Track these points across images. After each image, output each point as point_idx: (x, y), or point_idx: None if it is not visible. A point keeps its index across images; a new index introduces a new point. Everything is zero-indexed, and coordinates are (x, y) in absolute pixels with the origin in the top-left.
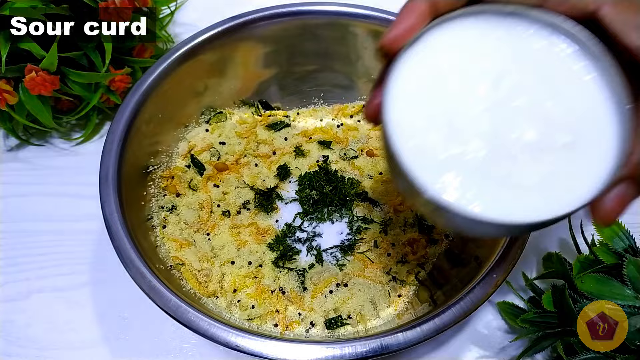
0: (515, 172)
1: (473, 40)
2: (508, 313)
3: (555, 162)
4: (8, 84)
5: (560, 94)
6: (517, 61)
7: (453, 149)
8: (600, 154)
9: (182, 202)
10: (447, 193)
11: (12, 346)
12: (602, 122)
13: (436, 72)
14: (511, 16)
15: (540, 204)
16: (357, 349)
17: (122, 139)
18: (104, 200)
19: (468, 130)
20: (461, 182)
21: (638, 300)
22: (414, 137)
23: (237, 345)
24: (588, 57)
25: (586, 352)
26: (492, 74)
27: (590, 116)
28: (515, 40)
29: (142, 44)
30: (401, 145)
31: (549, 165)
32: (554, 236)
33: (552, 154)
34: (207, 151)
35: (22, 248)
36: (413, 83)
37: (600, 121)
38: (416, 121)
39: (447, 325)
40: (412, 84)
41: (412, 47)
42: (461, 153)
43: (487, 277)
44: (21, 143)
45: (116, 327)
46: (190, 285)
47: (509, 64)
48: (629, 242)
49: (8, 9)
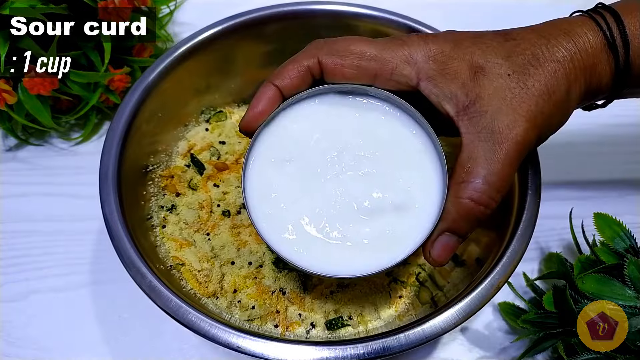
0: (351, 232)
1: (320, 115)
2: (509, 314)
3: (387, 222)
4: (7, 83)
5: (394, 161)
6: (357, 133)
7: (295, 215)
8: (426, 214)
9: (181, 202)
10: (286, 250)
11: (11, 346)
12: (429, 187)
13: (285, 142)
14: (351, 94)
15: (370, 260)
16: (359, 350)
17: (121, 139)
18: (103, 199)
19: (312, 196)
20: (296, 241)
21: (639, 300)
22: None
23: (238, 346)
24: (414, 123)
25: (587, 353)
26: (336, 145)
27: (419, 181)
28: (355, 112)
29: (142, 44)
30: (255, 214)
31: (382, 225)
32: (555, 236)
33: (384, 216)
34: (207, 150)
35: (21, 248)
36: (265, 159)
37: (427, 185)
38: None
39: (449, 326)
40: (263, 162)
41: (268, 125)
42: (302, 216)
43: (489, 279)
44: (20, 143)
45: (116, 327)
46: (190, 285)
47: (351, 137)
48: (630, 243)
49: (8, 8)
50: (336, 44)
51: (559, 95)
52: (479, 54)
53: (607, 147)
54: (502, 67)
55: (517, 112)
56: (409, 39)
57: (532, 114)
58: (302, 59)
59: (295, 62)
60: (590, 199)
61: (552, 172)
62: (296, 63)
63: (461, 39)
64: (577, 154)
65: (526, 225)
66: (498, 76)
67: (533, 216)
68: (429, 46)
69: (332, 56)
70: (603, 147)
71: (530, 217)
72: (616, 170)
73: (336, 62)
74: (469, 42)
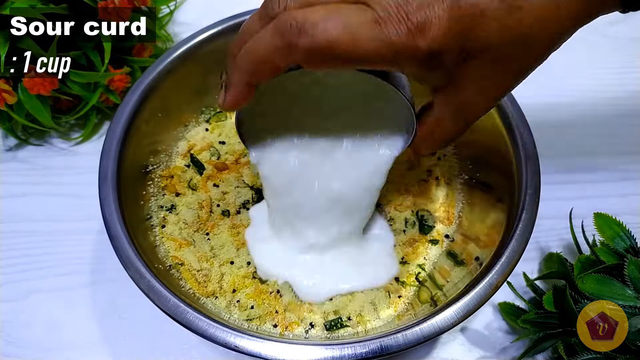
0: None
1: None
2: (509, 313)
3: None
4: (7, 83)
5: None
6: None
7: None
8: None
9: (181, 202)
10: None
11: (11, 346)
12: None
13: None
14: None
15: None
16: (357, 350)
17: (121, 139)
18: (103, 199)
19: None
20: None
21: (639, 300)
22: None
23: (236, 345)
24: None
25: (587, 353)
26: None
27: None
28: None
29: (142, 44)
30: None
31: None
32: (555, 236)
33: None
34: (206, 150)
35: (21, 248)
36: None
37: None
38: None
39: (447, 326)
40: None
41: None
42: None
43: (488, 278)
44: (20, 143)
45: (115, 327)
46: (189, 285)
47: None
48: (630, 243)
49: (8, 8)
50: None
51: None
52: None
53: (607, 146)
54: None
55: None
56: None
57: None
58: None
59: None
60: (590, 199)
61: (552, 172)
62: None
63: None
64: (577, 154)
65: (525, 224)
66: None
67: (532, 216)
68: None
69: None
70: (603, 146)
71: (530, 217)
72: (616, 170)
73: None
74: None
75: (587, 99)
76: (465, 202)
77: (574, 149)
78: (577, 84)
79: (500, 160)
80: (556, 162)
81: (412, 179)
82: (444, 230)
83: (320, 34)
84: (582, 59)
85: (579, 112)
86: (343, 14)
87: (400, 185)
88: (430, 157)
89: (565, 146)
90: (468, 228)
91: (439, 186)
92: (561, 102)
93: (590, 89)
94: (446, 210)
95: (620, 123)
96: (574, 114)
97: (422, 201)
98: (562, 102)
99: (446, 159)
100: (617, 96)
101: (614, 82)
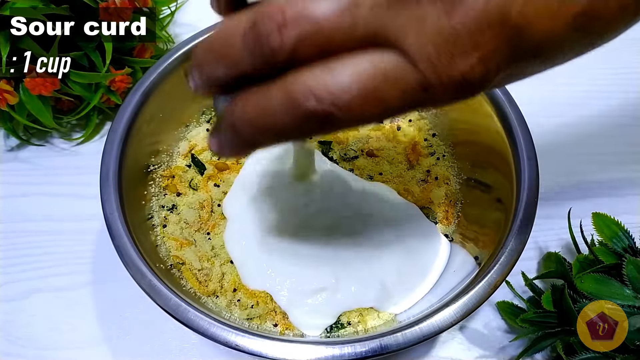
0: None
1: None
2: (507, 313)
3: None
4: (8, 84)
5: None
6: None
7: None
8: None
9: (182, 202)
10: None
11: (12, 346)
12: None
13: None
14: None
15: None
16: (357, 349)
17: (122, 139)
18: (104, 199)
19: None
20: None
21: (637, 300)
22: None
23: (236, 344)
24: None
25: (586, 352)
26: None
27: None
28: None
29: (143, 44)
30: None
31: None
32: (554, 236)
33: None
34: (207, 151)
35: (22, 248)
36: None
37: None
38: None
39: (446, 325)
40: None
41: None
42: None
43: (487, 277)
44: (21, 143)
45: (116, 326)
46: (190, 284)
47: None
48: (629, 242)
49: (8, 9)
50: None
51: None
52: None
53: (605, 147)
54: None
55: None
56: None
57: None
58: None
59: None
60: (589, 198)
61: (551, 171)
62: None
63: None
64: (577, 154)
65: (524, 224)
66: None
67: (531, 215)
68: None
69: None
70: (602, 147)
71: (528, 216)
72: (615, 170)
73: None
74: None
75: (586, 99)
76: (465, 202)
77: (572, 149)
78: (577, 83)
79: (499, 160)
80: (555, 162)
81: (411, 179)
82: (443, 230)
83: (349, 112)
84: (581, 59)
85: (578, 112)
86: (377, 79)
87: (399, 185)
88: (429, 157)
89: (564, 146)
90: (467, 228)
91: (439, 186)
92: (560, 102)
93: (589, 89)
94: (445, 210)
95: (618, 123)
96: (573, 114)
97: (422, 201)
98: (561, 103)
99: (445, 159)
100: (616, 96)
101: (614, 82)
